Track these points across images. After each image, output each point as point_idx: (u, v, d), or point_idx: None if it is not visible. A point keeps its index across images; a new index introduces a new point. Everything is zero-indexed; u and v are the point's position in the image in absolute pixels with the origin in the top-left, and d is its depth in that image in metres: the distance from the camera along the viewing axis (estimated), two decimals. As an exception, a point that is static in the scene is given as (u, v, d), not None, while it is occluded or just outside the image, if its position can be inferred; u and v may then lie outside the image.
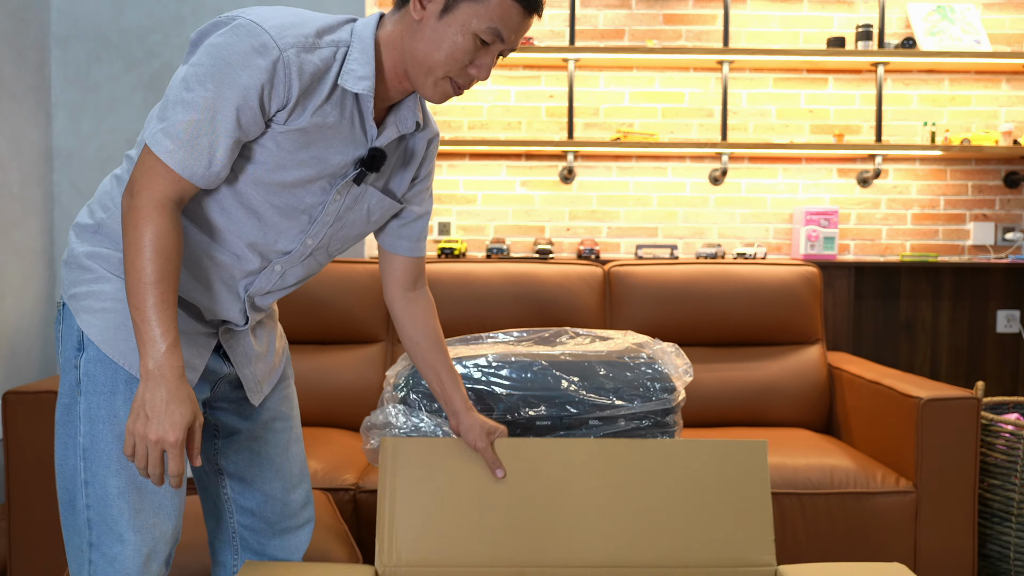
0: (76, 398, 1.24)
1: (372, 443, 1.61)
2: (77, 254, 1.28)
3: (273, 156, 1.22)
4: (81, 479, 1.23)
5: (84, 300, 1.25)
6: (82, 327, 1.24)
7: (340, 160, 1.25)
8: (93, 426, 1.23)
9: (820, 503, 2.14)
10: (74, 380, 1.25)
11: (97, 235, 1.28)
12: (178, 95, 1.16)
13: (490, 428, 1.49)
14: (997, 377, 3.58)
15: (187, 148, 1.15)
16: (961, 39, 3.50)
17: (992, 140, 3.49)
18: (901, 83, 3.62)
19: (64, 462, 1.25)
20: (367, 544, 2.13)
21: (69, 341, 1.26)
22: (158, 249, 1.15)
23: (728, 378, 2.65)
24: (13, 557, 2.13)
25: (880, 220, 3.66)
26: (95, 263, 1.26)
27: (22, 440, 2.08)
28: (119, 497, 1.22)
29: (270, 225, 1.27)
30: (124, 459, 1.22)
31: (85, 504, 1.23)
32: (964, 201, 3.66)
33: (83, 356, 1.24)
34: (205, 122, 1.15)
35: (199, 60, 1.16)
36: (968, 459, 2.14)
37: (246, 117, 1.16)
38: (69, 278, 1.28)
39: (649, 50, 3.41)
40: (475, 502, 1.48)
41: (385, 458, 1.50)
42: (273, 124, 1.20)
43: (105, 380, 1.23)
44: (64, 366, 1.27)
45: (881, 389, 2.33)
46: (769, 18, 3.61)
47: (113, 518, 1.22)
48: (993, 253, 3.66)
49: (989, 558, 2.30)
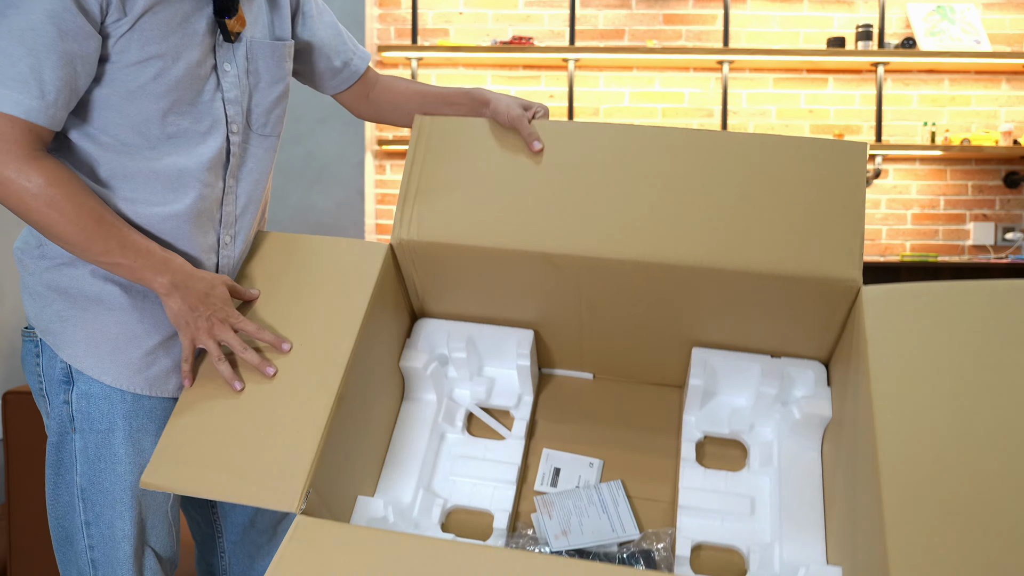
0: (69, 435, 1.17)
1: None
2: (34, 284, 1.17)
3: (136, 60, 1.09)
4: (80, 520, 1.17)
5: (62, 334, 1.16)
6: (69, 361, 1.16)
7: (197, 28, 1.14)
8: (92, 466, 1.16)
9: (820, 503, 2.14)
10: (64, 416, 1.17)
11: (43, 259, 1.17)
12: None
13: (527, 103, 1.33)
14: (997, 377, 3.58)
15: (6, 84, 1.00)
16: (961, 39, 3.50)
17: (992, 140, 3.49)
18: (901, 83, 3.62)
19: (57, 500, 1.19)
20: (367, 544, 2.12)
21: (52, 376, 1.17)
22: (64, 199, 1.03)
23: (728, 378, 2.64)
24: (13, 557, 2.13)
25: (880, 220, 3.66)
26: (56, 293, 1.17)
27: (22, 440, 2.08)
28: (125, 540, 1.17)
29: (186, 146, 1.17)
30: (128, 500, 1.17)
31: (87, 545, 1.18)
32: (964, 201, 3.66)
33: (73, 391, 1.17)
34: (14, 47, 0.99)
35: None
36: (968, 459, 2.13)
37: (68, 23, 1.01)
38: (36, 310, 1.17)
39: (649, 50, 3.41)
40: (507, 183, 1.31)
41: (416, 134, 1.37)
42: (110, 30, 1.07)
43: (101, 417, 1.16)
44: (49, 402, 1.18)
45: (881, 389, 2.32)
46: (769, 18, 3.61)
47: (119, 560, 1.18)
48: (993, 253, 3.66)
49: (989, 558, 2.30)
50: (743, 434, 1.37)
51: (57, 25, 1.01)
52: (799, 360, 1.35)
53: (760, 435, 1.36)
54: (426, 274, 1.37)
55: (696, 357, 1.37)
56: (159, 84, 1.11)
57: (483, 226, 1.30)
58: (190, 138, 1.16)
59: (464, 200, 1.31)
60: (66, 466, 1.18)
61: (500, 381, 1.47)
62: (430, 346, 1.43)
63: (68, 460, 1.17)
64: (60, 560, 1.21)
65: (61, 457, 1.18)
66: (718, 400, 1.40)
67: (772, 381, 1.34)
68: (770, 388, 1.34)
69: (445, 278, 1.37)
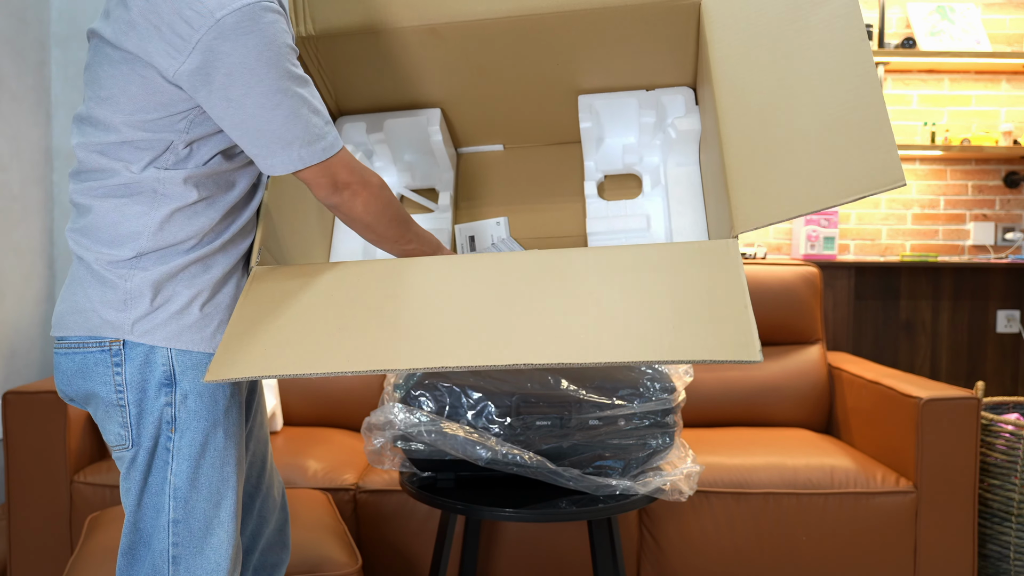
0: (165, 436, 1.20)
1: (374, 443, 1.61)
2: (137, 285, 1.20)
3: None
4: (168, 519, 1.20)
5: (169, 324, 1.20)
6: (174, 347, 1.19)
7: None
8: (193, 463, 1.20)
9: (820, 503, 2.14)
10: (164, 418, 1.20)
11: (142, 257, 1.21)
12: (270, 118, 1.15)
13: None
14: (997, 377, 3.58)
15: (319, 133, 1.18)
16: (961, 39, 3.50)
17: (992, 140, 3.49)
18: (901, 83, 3.62)
19: (140, 504, 1.21)
20: (367, 544, 2.13)
21: (147, 382, 1.20)
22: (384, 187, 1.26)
23: (728, 378, 2.65)
24: (13, 557, 2.13)
25: (880, 220, 3.66)
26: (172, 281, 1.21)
27: (22, 440, 2.08)
28: (220, 528, 1.22)
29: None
30: (227, 491, 1.23)
31: (171, 543, 1.20)
32: (964, 201, 3.66)
33: (175, 392, 1.20)
34: (300, 105, 1.16)
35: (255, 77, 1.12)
36: (968, 459, 2.14)
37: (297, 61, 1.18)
38: (133, 313, 1.20)
39: (649, 50, 3.41)
40: None
41: None
42: None
43: (207, 413, 1.21)
44: (140, 408, 1.20)
45: (881, 389, 2.33)
46: (769, 18, 3.61)
47: (214, 548, 1.21)
48: (993, 253, 3.66)
49: (989, 558, 2.30)
50: (635, 166, 1.61)
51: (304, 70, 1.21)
52: (670, 88, 1.57)
53: (649, 164, 1.60)
54: (331, 70, 1.54)
55: (582, 102, 1.58)
56: None
57: (373, 10, 1.45)
58: None
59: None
60: (157, 467, 1.21)
61: (421, 165, 1.67)
62: (352, 137, 1.63)
63: (161, 462, 1.20)
64: (126, 566, 1.22)
65: (153, 460, 1.20)
66: (610, 142, 1.63)
67: (649, 111, 1.56)
68: (648, 117, 1.56)
69: (349, 72, 1.55)
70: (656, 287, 1.11)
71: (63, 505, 2.10)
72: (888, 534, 2.15)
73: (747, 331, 1.02)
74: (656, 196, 1.57)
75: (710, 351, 1.01)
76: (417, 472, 1.61)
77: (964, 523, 2.15)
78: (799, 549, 2.15)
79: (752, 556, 2.14)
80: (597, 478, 1.51)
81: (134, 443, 1.21)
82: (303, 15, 1.46)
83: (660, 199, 1.56)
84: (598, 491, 1.52)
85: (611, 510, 1.50)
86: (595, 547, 1.62)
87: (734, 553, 2.14)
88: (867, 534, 2.15)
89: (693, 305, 1.07)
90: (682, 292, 1.10)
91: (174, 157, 1.19)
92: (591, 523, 1.62)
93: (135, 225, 1.20)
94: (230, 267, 1.27)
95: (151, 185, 1.19)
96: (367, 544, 2.13)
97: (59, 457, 2.08)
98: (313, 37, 1.47)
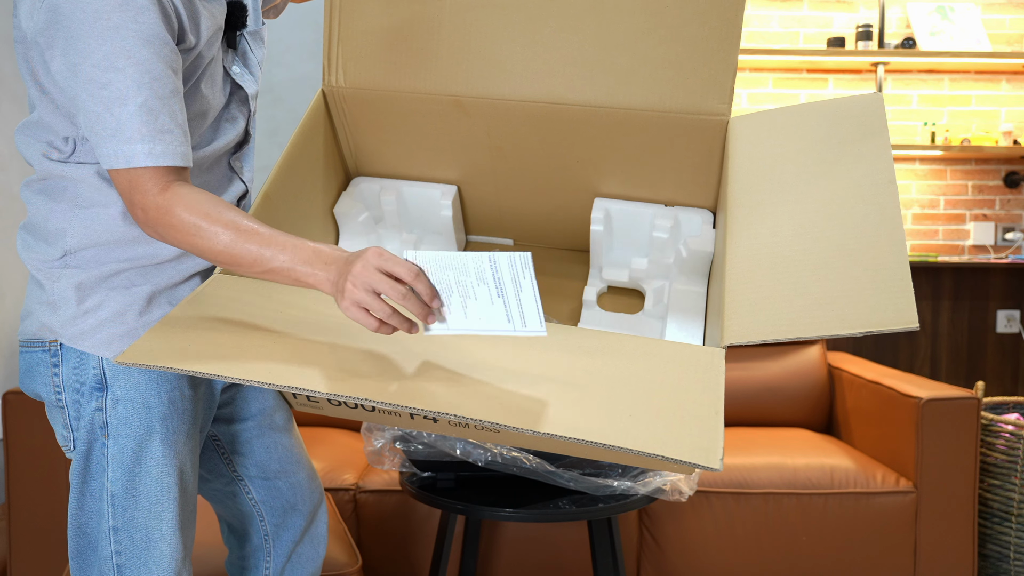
0: (100, 442, 1.15)
1: (374, 444, 1.61)
2: (62, 288, 1.14)
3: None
4: (108, 526, 1.16)
5: (99, 332, 1.14)
6: (104, 356, 1.14)
7: (213, 40, 1.16)
8: (127, 471, 1.15)
9: (820, 503, 2.14)
10: (96, 423, 1.15)
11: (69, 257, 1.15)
12: (98, 97, 1.01)
13: None
14: (997, 377, 3.58)
15: (153, 138, 1.02)
16: (961, 39, 3.50)
17: (992, 140, 3.49)
18: (901, 83, 3.62)
19: (82, 507, 1.17)
20: (368, 544, 2.13)
21: (80, 384, 1.15)
22: (210, 217, 1.03)
23: (728, 378, 2.65)
24: (13, 557, 2.13)
25: (880, 220, 3.66)
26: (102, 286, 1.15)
27: (22, 440, 2.08)
28: (161, 541, 1.17)
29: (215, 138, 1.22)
30: (165, 502, 1.17)
31: (114, 551, 1.16)
32: (964, 201, 3.66)
33: (107, 397, 1.14)
34: (151, 99, 1.01)
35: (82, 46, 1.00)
36: (968, 459, 2.14)
37: (172, 58, 1.03)
38: (61, 317, 1.15)
39: (649, 50, 3.41)
40: (423, 28, 1.40)
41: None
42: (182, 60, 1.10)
43: (139, 420, 1.15)
44: (76, 411, 1.16)
45: (881, 389, 2.33)
46: (769, 18, 3.61)
47: (155, 560, 1.17)
48: (993, 253, 3.66)
49: (989, 558, 2.30)
50: (641, 282, 1.55)
51: (168, 66, 1.03)
52: (689, 208, 1.51)
53: (655, 282, 1.54)
54: (354, 126, 1.50)
55: (597, 204, 1.52)
56: (193, 111, 1.16)
57: (403, 73, 1.41)
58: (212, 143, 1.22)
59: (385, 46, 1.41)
60: (94, 473, 1.16)
61: (426, 242, 1.61)
62: (363, 197, 1.58)
63: (98, 467, 1.16)
64: (78, 569, 1.20)
65: (89, 465, 1.17)
66: (619, 253, 1.58)
67: (663, 226, 1.51)
68: (662, 232, 1.51)
69: (371, 131, 1.50)
70: (630, 373, 1.06)
71: (63, 505, 2.10)
72: (888, 534, 2.15)
73: (713, 437, 0.96)
74: (655, 316, 1.50)
75: (667, 447, 0.95)
76: (417, 472, 1.61)
77: (964, 523, 2.15)
78: (799, 549, 2.15)
79: (752, 556, 2.14)
80: (596, 478, 1.52)
81: (75, 445, 1.17)
82: (335, 66, 1.42)
83: (658, 321, 1.49)
84: (598, 491, 1.52)
85: (611, 510, 1.50)
86: (595, 547, 1.62)
87: (734, 553, 2.14)
88: (867, 534, 2.15)
89: (663, 399, 1.02)
90: (657, 384, 1.05)
91: (71, 147, 1.11)
92: (591, 523, 1.62)
93: (59, 222, 1.13)
94: (183, 278, 1.20)
95: (60, 181, 1.13)
96: (367, 544, 2.13)
97: (59, 457, 2.08)
98: (343, 88, 1.44)
